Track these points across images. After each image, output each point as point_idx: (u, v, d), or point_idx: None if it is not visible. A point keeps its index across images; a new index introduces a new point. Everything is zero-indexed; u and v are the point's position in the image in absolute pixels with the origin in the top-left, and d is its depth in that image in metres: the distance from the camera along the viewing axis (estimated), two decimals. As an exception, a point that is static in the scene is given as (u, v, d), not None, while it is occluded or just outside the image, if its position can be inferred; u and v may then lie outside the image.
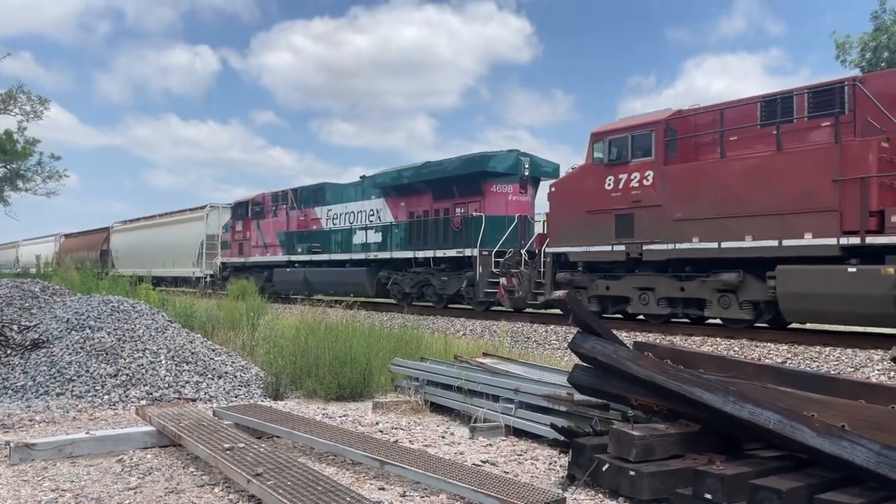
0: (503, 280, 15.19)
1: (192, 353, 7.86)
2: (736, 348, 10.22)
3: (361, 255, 20.74)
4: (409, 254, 18.77)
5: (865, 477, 3.34)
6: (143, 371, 7.23)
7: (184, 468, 4.62)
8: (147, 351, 7.62)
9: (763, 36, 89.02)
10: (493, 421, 5.84)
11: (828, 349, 9.68)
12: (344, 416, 6.42)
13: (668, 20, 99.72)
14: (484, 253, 16.25)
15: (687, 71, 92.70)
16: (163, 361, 7.49)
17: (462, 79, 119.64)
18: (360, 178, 21.97)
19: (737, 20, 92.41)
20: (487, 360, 7.45)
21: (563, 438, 4.99)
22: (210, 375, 7.52)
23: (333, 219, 22.65)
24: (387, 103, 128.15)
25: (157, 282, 31.95)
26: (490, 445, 5.42)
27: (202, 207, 31.87)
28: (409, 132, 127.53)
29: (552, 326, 13.33)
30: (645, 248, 12.51)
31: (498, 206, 17.26)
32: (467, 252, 16.74)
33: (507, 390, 5.98)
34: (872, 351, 9.22)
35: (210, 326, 10.56)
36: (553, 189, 14.55)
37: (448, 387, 6.63)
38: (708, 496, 3.49)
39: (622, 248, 12.86)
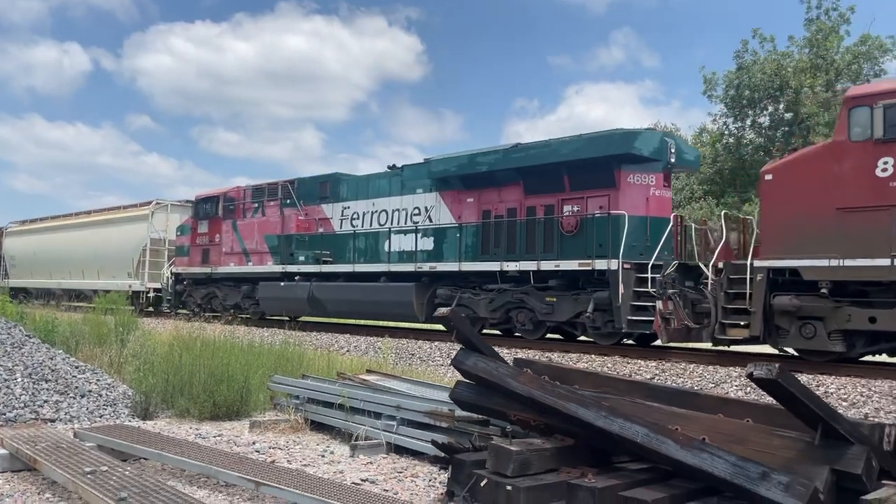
0: (659, 304, 11.07)
1: (53, 371, 7.33)
2: (609, 365, 10.67)
3: (407, 267, 15.26)
4: (492, 266, 13.75)
5: (723, 487, 3.56)
6: (-5, 390, 6.65)
7: (39, 494, 4.29)
8: (0, 368, 7.03)
9: (639, 67, 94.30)
10: (375, 439, 5.79)
11: (692, 366, 10.28)
12: (219, 436, 6.18)
13: (551, 47, 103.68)
14: (626, 266, 11.79)
15: (568, 97, 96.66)
16: (18, 379, 6.94)
17: (351, 93, 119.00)
18: (390, 167, 17.03)
19: (615, 51, 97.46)
20: (371, 377, 7.40)
21: (443, 455, 5.02)
22: (72, 394, 7.03)
23: (352, 219, 17.27)
24: (272, 113, 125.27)
25: (75, 296, 27.13)
26: (371, 463, 5.37)
27: (145, 204, 25.46)
28: (295, 144, 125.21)
29: (436, 343, 13.43)
30: None
31: (636, 202, 12.73)
32: (599, 264, 12.09)
33: (390, 407, 5.96)
34: (731, 368, 9.88)
35: (74, 342, 9.89)
36: (770, 177, 10.40)
37: (330, 404, 6.52)
38: (580, 509, 3.60)
39: None
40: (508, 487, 3.91)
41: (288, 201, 18.85)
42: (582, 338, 12.68)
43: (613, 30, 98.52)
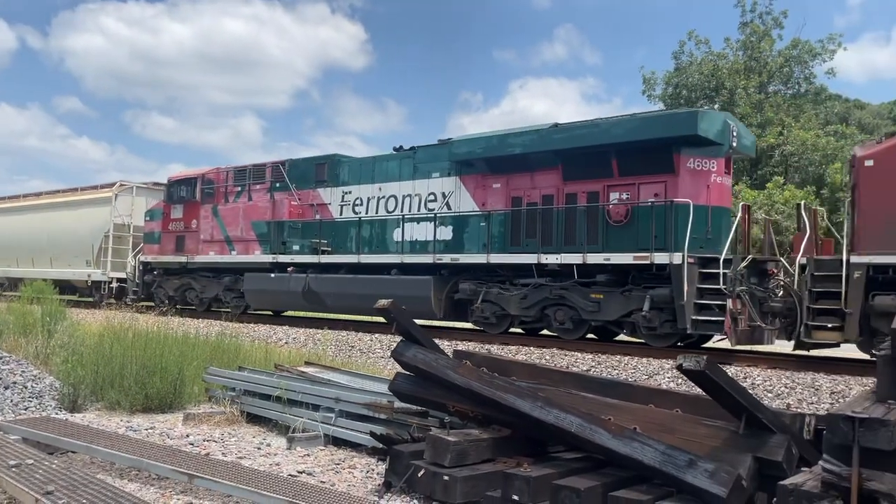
0: (729, 304, 10.10)
1: (-26, 362, 7.03)
2: (547, 357, 10.84)
3: (423, 258, 13.76)
4: (527, 258, 12.34)
5: (653, 475, 3.67)
6: (-90, 382, 6.32)
7: (-44, 491, 4.11)
8: (-84, 359, 6.70)
9: (581, 64, 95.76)
10: (313, 431, 5.75)
11: (627, 358, 10.54)
12: (151, 428, 6.04)
13: (496, 41, 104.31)
14: (691, 261, 10.58)
15: (512, 91, 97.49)
16: (-64, 371, 6.61)
17: (293, 80, 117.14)
18: (396, 149, 15.53)
19: (558, 47, 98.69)
20: (309, 369, 7.33)
21: (381, 446, 5.03)
22: (-6, 386, 6.76)
23: (355, 205, 15.72)
24: (210, 99, 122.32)
25: (16, 286, 24.06)
26: (308, 455, 5.34)
27: (108, 186, 22.91)
28: (234, 131, 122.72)
29: (377, 335, 13.39)
30: None
31: (696, 190, 11.46)
32: (659, 258, 10.81)
33: (328, 399, 5.92)
34: (664, 360, 10.16)
35: (-4, 332, 9.51)
36: (871, 163, 9.51)
37: (267, 397, 6.44)
38: (515, 497, 3.67)
39: None
40: (446, 477, 3.94)
41: (278, 185, 17.09)
42: (623, 337, 11.69)
43: (557, 26, 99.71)
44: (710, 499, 3.32)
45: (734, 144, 11.93)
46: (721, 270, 10.22)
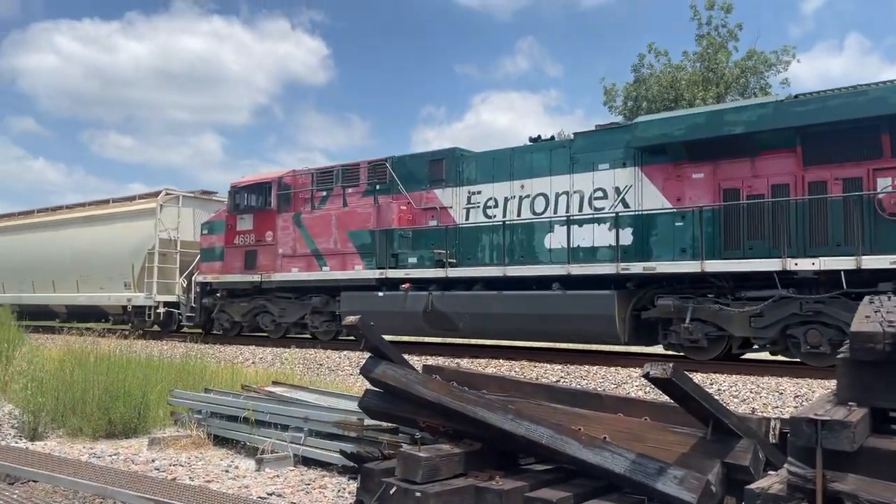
0: None
1: (-73, 392, 6.80)
2: (517, 369, 10.87)
3: (601, 269, 11.29)
4: (766, 264, 9.93)
5: (623, 484, 3.69)
6: None
7: (-90, 527, 3.97)
8: None
9: (543, 77, 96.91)
10: (282, 451, 5.68)
11: (595, 367, 10.62)
12: (115, 454, 5.90)
13: (457, 55, 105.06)
14: None
15: (475, 105, 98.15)
16: None
17: (253, 96, 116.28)
18: (533, 139, 13.40)
19: (520, 60, 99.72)
20: (277, 389, 7.25)
21: (352, 464, 4.98)
22: (-50, 416, 6.54)
23: (487, 207, 13.36)
24: (169, 117, 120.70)
25: (36, 314, 20.78)
26: (278, 477, 5.26)
27: (151, 195, 19.75)
28: (195, 149, 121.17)
29: (345, 352, 13.29)
30: None
31: None
32: None
33: (297, 419, 5.86)
34: (631, 369, 10.26)
35: (-49, 360, 9.23)
36: None
37: (234, 418, 6.35)
38: (488, 512, 3.65)
39: None
40: (418, 494, 3.91)
41: (380, 186, 14.70)
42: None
43: (518, 39, 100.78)
44: (681, 505, 3.35)
45: None
46: None
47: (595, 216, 11.83)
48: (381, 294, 13.81)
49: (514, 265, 12.46)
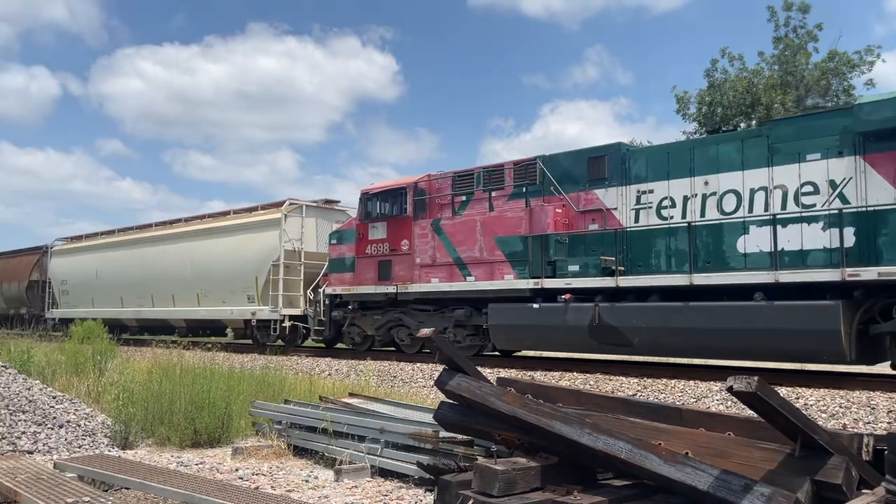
0: None
1: (30, 401, 7.23)
2: (591, 382, 10.70)
3: (819, 276, 9.70)
4: None
5: (707, 501, 3.58)
6: (-29, 422, 6.48)
7: (17, 528, 4.21)
8: (-25, 400, 6.90)
9: (613, 85, 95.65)
10: (359, 462, 5.76)
11: (673, 381, 10.35)
12: (201, 463, 6.11)
13: (524, 66, 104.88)
14: None
15: (543, 116, 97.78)
16: (-6, 411, 6.75)
17: (326, 114, 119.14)
18: (707, 132, 11.71)
19: (589, 69, 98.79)
20: (353, 401, 7.37)
21: (428, 476, 5.01)
22: (50, 425, 6.92)
23: (661, 207, 11.98)
24: (246, 136, 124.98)
25: (155, 328, 22.18)
26: (355, 487, 5.34)
27: (275, 205, 19.18)
28: (271, 166, 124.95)
29: (418, 364, 13.38)
30: None
31: None
32: None
33: (373, 430, 5.93)
34: (712, 383, 9.96)
35: (50, 372, 9.77)
36: None
37: (312, 429, 6.48)
38: (567, 526, 3.61)
39: None
40: (495, 507, 3.90)
41: (531, 188, 13.49)
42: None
43: (587, 48, 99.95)
44: (768, 524, 3.22)
45: None
46: None
47: (804, 214, 10.26)
48: (536, 306, 12.57)
49: (700, 272, 10.89)
